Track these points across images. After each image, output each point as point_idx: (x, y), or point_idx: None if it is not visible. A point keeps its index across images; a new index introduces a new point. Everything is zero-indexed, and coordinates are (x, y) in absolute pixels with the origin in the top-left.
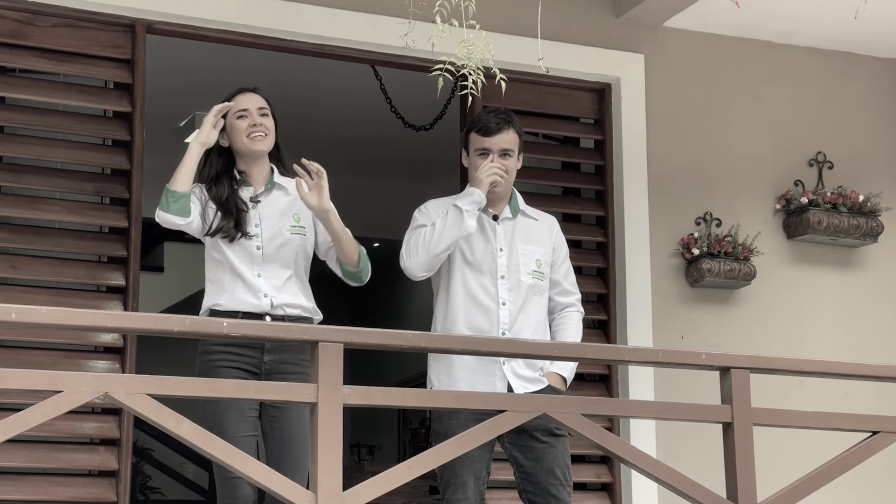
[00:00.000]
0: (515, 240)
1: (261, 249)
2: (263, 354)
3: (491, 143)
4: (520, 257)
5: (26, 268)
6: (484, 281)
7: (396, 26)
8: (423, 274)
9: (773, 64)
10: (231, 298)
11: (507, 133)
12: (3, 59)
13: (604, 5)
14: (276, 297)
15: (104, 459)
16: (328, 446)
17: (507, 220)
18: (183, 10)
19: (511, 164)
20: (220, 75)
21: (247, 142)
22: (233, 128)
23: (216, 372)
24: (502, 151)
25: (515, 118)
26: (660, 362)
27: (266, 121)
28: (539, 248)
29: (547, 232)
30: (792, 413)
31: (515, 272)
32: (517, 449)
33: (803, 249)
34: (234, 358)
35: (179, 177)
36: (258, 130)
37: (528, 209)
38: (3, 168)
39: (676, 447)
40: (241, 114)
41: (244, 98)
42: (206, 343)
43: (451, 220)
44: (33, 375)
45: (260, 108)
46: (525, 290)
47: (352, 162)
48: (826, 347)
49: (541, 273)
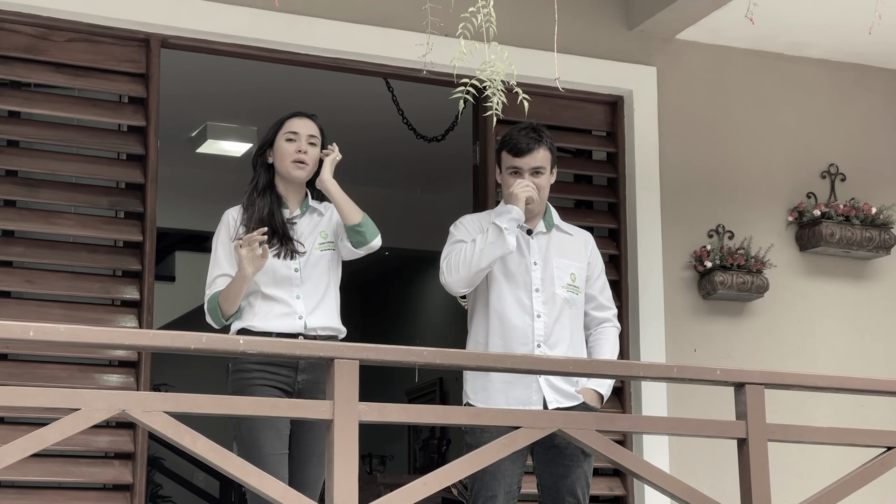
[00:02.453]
0: (550, 254)
1: (299, 271)
2: (297, 374)
3: (522, 162)
4: (554, 270)
5: (41, 282)
6: (519, 293)
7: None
8: (463, 290)
9: (785, 76)
10: (264, 320)
11: (537, 152)
12: (19, 73)
13: (616, 18)
14: (311, 319)
15: (119, 473)
16: (344, 462)
17: (540, 235)
18: (197, 25)
19: (543, 182)
20: (234, 87)
21: (290, 167)
22: (280, 149)
23: (251, 390)
24: (533, 170)
25: (546, 134)
26: (674, 378)
27: (312, 150)
28: (574, 262)
29: (582, 247)
30: (807, 429)
31: (550, 285)
32: (545, 464)
33: (816, 262)
34: (269, 376)
35: (229, 305)
36: (302, 158)
37: (563, 224)
38: (18, 182)
39: (690, 460)
40: (290, 136)
41: (298, 122)
42: (241, 361)
43: (492, 238)
44: (52, 393)
45: (310, 136)
46: (560, 302)
47: (363, 172)
48: (839, 360)
49: (575, 287)
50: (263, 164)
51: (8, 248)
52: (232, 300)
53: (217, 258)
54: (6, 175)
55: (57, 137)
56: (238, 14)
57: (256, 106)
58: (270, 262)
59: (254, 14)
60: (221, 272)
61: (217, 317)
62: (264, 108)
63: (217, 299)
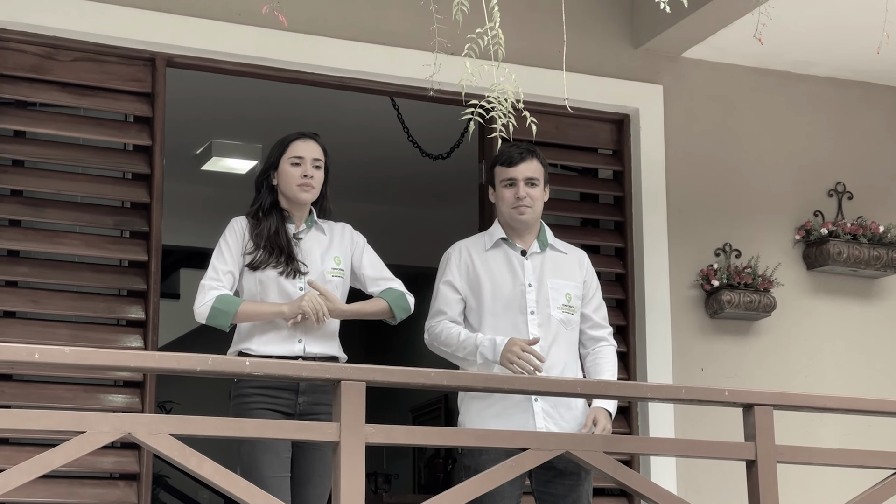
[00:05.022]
0: (544, 274)
1: (304, 290)
2: (298, 396)
3: (516, 171)
4: (549, 292)
5: (46, 302)
6: (513, 317)
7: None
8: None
9: (791, 94)
10: (264, 345)
11: (531, 162)
12: (24, 93)
13: (622, 36)
14: (311, 346)
15: (124, 494)
16: (350, 485)
17: (535, 255)
18: (203, 44)
19: (537, 193)
20: (239, 105)
21: (296, 190)
22: (284, 172)
23: (252, 414)
24: (527, 180)
25: (538, 150)
26: (683, 399)
27: (317, 174)
28: (569, 282)
29: (577, 266)
30: (816, 450)
31: (545, 307)
32: (543, 484)
33: (823, 280)
34: (270, 400)
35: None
36: (309, 183)
37: (558, 242)
38: (23, 202)
39: (697, 480)
40: (295, 161)
41: (303, 145)
42: (241, 386)
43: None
44: (57, 416)
45: (314, 160)
46: (555, 324)
47: (368, 189)
48: (847, 379)
49: (571, 307)
50: (268, 186)
51: (13, 268)
52: (251, 318)
53: (222, 254)
54: (11, 195)
55: (62, 157)
56: (243, 33)
57: (261, 124)
58: (277, 279)
59: (259, 33)
60: (228, 268)
61: (223, 321)
62: (269, 126)
63: (238, 306)
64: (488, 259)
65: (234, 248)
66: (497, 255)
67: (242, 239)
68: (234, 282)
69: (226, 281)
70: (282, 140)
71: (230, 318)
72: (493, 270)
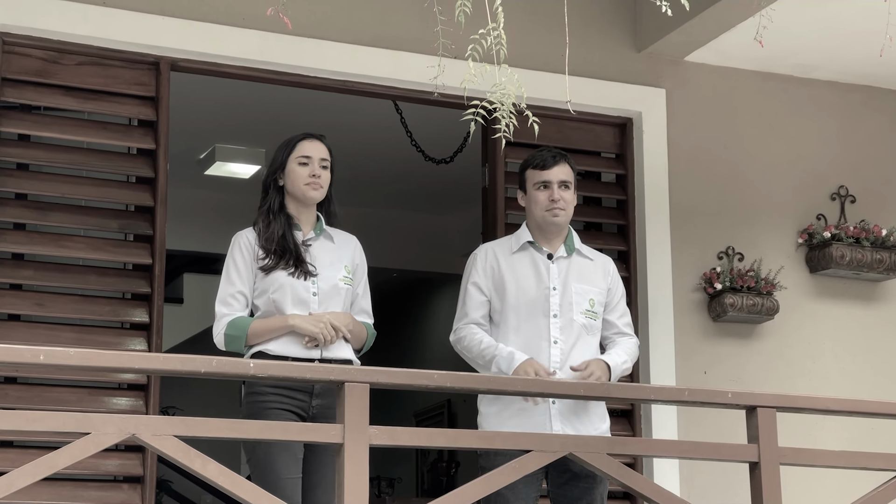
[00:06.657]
0: (569, 279)
1: (317, 295)
2: (312, 398)
3: (550, 174)
4: (573, 296)
5: (51, 305)
6: (536, 320)
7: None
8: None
9: (794, 98)
10: (283, 345)
11: (563, 165)
12: (29, 96)
13: (625, 40)
14: (328, 349)
15: (128, 497)
16: (354, 486)
17: (561, 259)
18: (207, 48)
19: (569, 196)
20: (242, 110)
21: (304, 189)
22: (292, 172)
23: (266, 413)
24: (561, 182)
25: (568, 155)
26: (685, 401)
27: (325, 174)
28: (593, 287)
29: (602, 272)
30: (819, 452)
31: (568, 311)
32: (558, 487)
33: (826, 284)
34: (285, 400)
35: (258, 339)
36: (316, 181)
37: (584, 248)
38: (28, 205)
39: (700, 482)
40: (303, 160)
41: (310, 145)
42: (256, 384)
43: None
44: (62, 418)
45: (322, 160)
46: (577, 328)
47: (371, 193)
48: (849, 382)
49: (594, 313)
50: (275, 186)
51: (18, 271)
52: (264, 336)
53: (230, 276)
54: (16, 198)
55: (67, 160)
56: (247, 37)
57: (265, 128)
58: (290, 281)
59: (263, 37)
60: (237, 289)
61: (239, 345)
62: (273, 130)
63: (247, 328)
64: (514, 262)
65: (242, 264)
66: (523, 258)
67: (251, 251)
68: (247, 301)
69: (236, 304)
70: (288, 140)
71: (243, 341)
72: (518, 273)
